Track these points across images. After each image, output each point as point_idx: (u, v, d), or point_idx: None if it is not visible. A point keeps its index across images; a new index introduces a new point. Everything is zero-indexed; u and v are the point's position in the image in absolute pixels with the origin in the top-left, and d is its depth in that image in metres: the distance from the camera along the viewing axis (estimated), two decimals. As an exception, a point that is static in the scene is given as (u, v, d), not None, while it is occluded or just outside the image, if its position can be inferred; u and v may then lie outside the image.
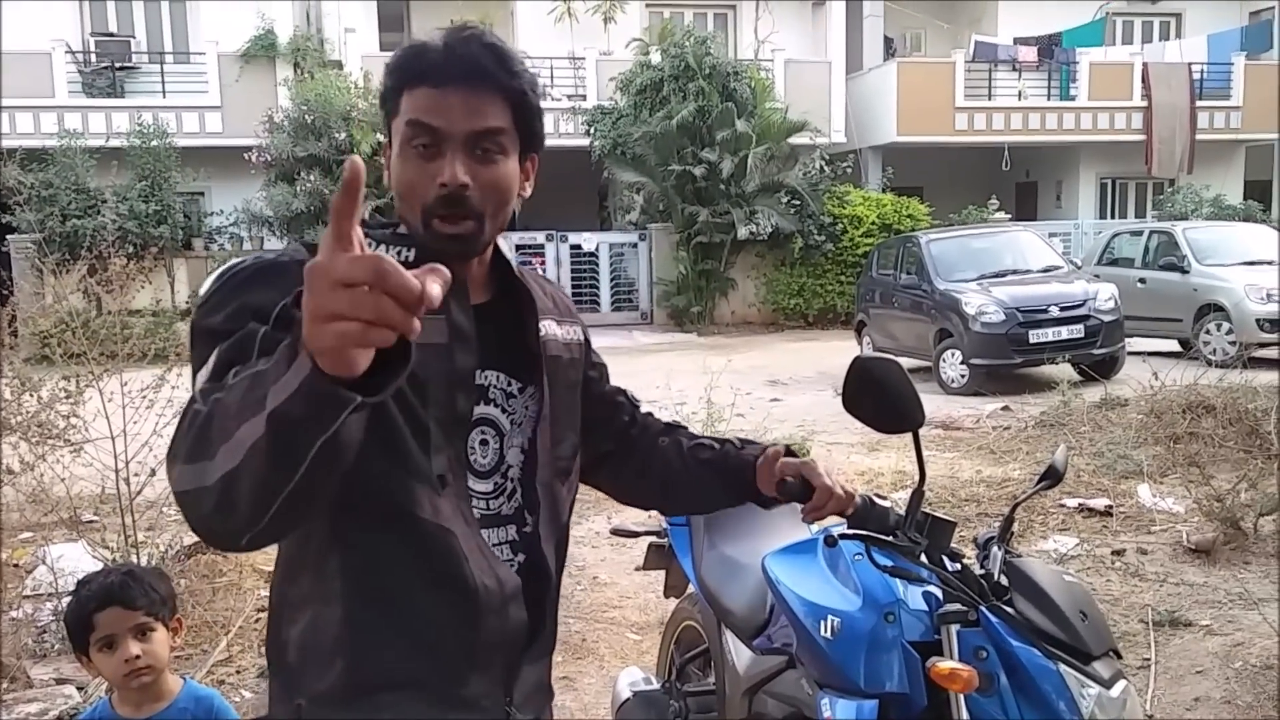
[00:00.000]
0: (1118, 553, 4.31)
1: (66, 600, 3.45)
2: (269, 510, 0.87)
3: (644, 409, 1.48)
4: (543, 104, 1.18)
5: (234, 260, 1.09)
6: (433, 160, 1.10)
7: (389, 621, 1.11)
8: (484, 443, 1.18)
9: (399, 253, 1.14)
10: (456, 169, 1.09)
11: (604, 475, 1.44)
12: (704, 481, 1.41)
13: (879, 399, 1.45)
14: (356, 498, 1.06)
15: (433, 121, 1.10)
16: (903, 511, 1.52)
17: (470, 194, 1.10)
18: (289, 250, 1.12)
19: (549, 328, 1.25)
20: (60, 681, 3.18)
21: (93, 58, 16.28)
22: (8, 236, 13.83)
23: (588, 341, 1.36)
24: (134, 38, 16.70)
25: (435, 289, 0.77)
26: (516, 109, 1.13)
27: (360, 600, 1.10)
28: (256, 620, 3.67)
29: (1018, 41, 18.95)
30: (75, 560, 3.59)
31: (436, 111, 1.09)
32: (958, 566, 1.57)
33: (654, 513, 2.01)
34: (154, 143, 14.73)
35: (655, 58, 15.70)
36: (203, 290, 1.06)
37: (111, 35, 16.57)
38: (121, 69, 16.25)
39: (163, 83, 16.23)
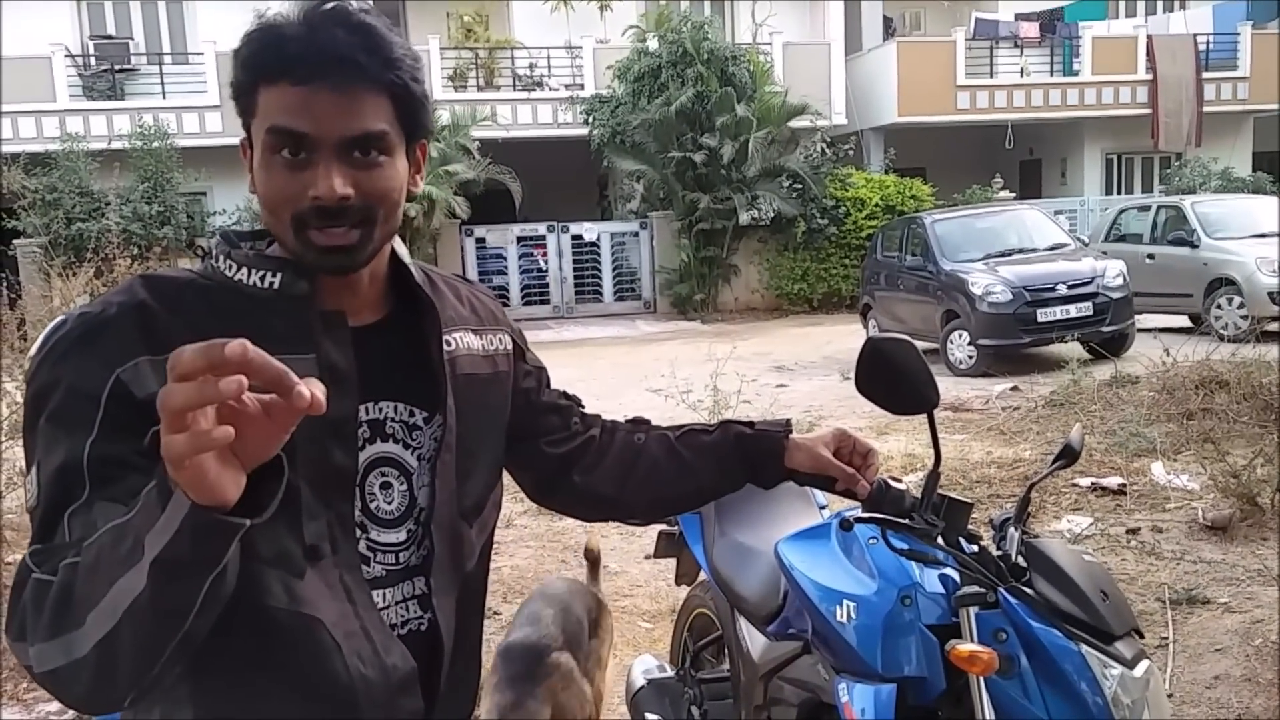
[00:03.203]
0: (1132, 531, 4.28)
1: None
2: (155, 665, 0.79)
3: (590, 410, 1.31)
4: (425, 88, 1.00)
5: (59, 319, 0.94)
6: (303, 170, 0.93)
7: None
8: (386, 486, 1.03)
9: (262, 277, 0.97)
10: (334, 181, 0.92)
11: (571, 492, 1.26)
12: (707, 467, 1.27)
13: (892, 380, 1.42)
14: None
15: (298, 127, 0.92)
16: (918, 494, 1.50)
17: (352, 204, 0.94)
18: (116, 296, 0.95)
19: (460, 339, 1.09)
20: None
21: (92, 61, 16.29)
22: (14, 241, 13.87)
23: (520, 347, 1.20)
24: (132, 39, 16.70)
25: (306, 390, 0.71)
26: (399, 104, 0.96)
27: (211, 705, 0.94)
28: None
29: (1019, 18, 18.83)
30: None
31: (301, 114, 0.92)
32: (975, 548, 1.55)
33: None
34: (155, 144, 14.75)
35: (652, 44, 15.63)
36: (32, 352, 0.93)
37: (110, 38, 16.58)
38: (121, 71, 16.26)
39: (162, 84, 16.24)
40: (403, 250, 1.07)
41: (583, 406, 1.31)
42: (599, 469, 1.26)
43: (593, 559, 2.64)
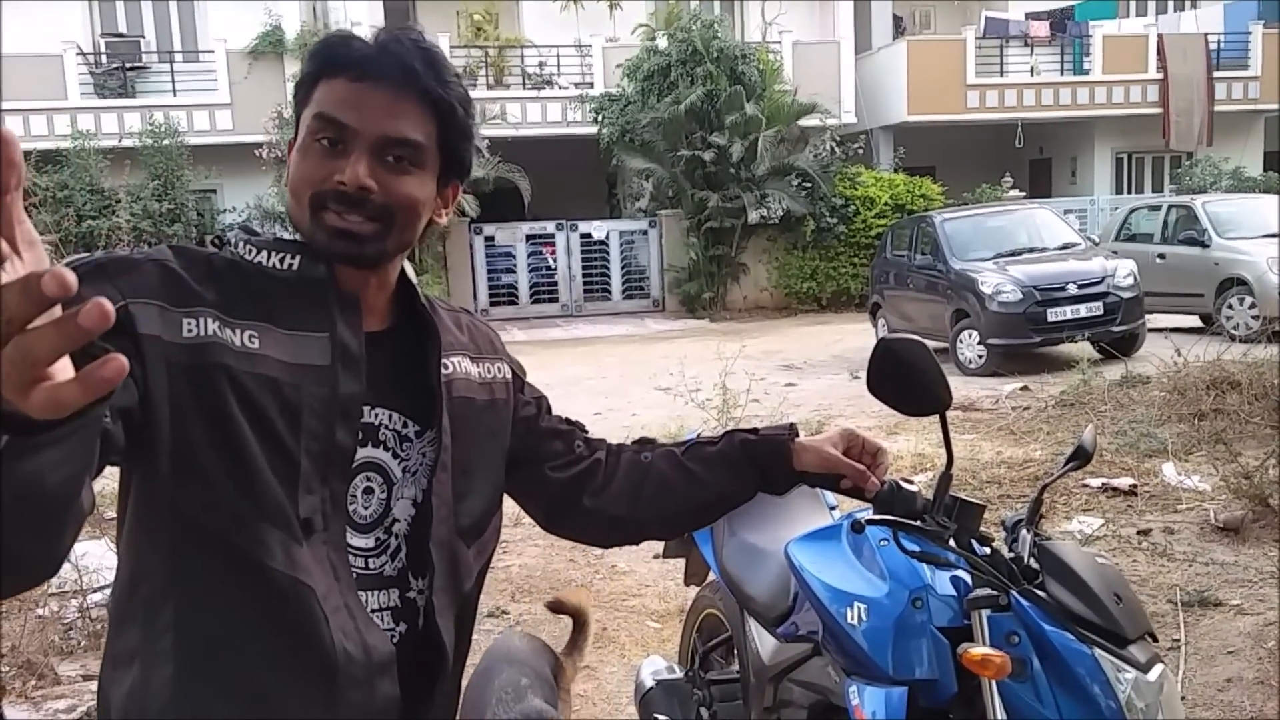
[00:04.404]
0: (1144, 532, 4.26)
1: (92, 598, 3.50)
2: None
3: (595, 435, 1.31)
4: (474, 129, 1.05)
5: (81, 255, 0.95)
6: (337, 158, 0.97)
7: (227, 688, 0.94)
8: (368, 491, 1.03)
9: (281, 259, 1.00)
10: (359, 169, 0.96)
11: (582, 517, 1.24)
12: (717, 477, 1.26)
13: (904, 381, 1.41)
14: (194, 537, 0.93)
15: (342, 117, 0.97)
16: (930, 495, 1.49)
17: (373, 198, 0.97)
18: (146, 251, 0.98)
19: (458, 364, 1.10)
20: (87, 678, 3.20)
21: (103, 59, 16.37)
22: (24, 239, 13.93)
23: (519, 378, 1.21)
24: (143, 37, 16.77)
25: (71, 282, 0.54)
26: (442, 124, 1.00)
27: (194, 661, 0.94)
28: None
29: (1029, 16, 18.78)
30: (99, 557, 3.63)
31: (349, 107, 0.97)
32: (987, 550, 1.53)
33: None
34: (165, 142, 14.82)
35: (662, 43, 15.63)
36: None
37: (121, 36, 16.65)
38: (132, 69, 16.33)
39: (173, 82, 16.31)
40: (409, 270, 1.10)
41: (586, 431, 1.29)
42: (608, 490, 1.24)
43: (579, 619, 2.16)
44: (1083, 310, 9.12)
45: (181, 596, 0.94)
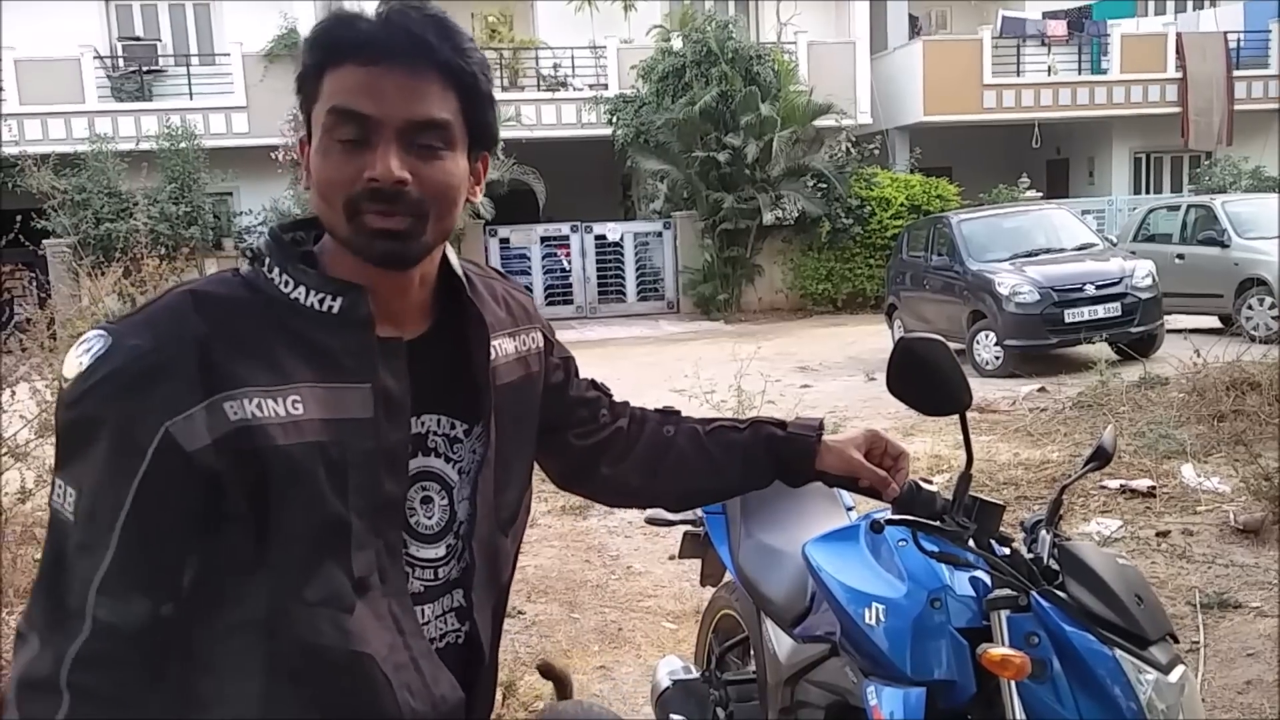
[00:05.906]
0: (1163, 534, 4.23)
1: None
2: None
3: (618, 397, 1.29)
4: (494, 94, 0.98)
5: (100, 338, 0.87)
6: (362, 153, 0.90)
7: None
8: (426, 500, 1.00)
9: (321, 300, 0.92)
10: (390, 162, 0.89)
11: (598, 482, 1.26)
12: (735, 466, 1.27)
13: (924, 380, 1.41)
14: (243, 639, 0.89)
15: (361, 108, 0.89)
16: (949, 496, 1.49)
17: (408, 191, 0.90)
18: (167, 324, 0.89)
19: (500, 347, 1.06)
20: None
21: (121, 62, 16.52)
22: (44, 241, 14.05)
23: (550, 341, 1.18)
24: (160, 41, 16.92)
25: None
26: (465, 97, 0.93)
27: None
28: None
29: (1046, 16, 18.68)
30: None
31: (366, 95, 0.89)
32: (1006, 551, 1.53)
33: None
34: (182, 145, 14.94)
35: (677, 44, 15.62)
36: (71, 376, 0.87)
37: (138, 39, 16.80)
38: (149, 73, 16.48)
39: (189, 85, 16.44)
40: (453, 257, 1.04)
41: (611, 395, 1.29)
42: (627, 461, 1.25)
43: (560, 680, 2.19)
44: (1100, 311, 9.05)
45: (232, 701, 0.90)
